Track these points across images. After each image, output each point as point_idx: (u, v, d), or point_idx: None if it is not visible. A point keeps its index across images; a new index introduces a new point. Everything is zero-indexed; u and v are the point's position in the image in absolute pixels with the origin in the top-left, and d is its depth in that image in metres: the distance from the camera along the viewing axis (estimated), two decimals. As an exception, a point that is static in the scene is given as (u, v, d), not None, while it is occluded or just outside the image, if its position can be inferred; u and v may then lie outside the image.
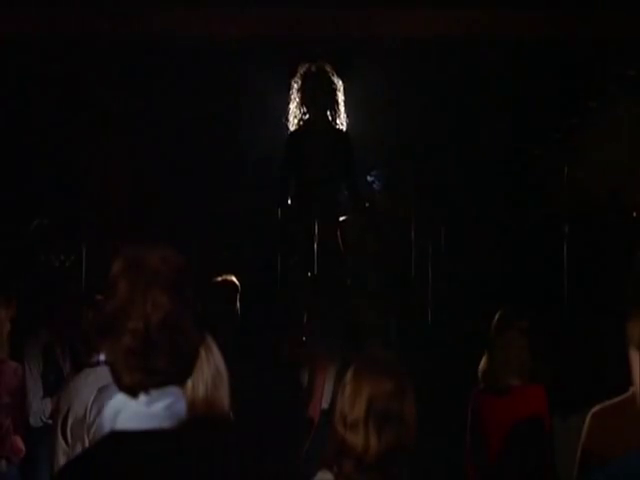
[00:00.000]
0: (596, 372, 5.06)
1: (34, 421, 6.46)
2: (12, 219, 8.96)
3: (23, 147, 9.50)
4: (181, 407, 2.36)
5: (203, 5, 9.44)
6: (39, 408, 6.50)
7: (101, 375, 4.90)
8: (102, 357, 5.15)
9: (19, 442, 6.08)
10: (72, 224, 8.66)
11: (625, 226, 8.92)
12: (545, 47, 9.61)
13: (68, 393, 5.17)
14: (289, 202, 8.48)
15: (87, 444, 4.25)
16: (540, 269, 8.62)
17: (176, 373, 2.36)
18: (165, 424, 2.32)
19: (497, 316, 5.49)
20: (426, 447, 3.55)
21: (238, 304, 6.59)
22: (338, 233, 8.32)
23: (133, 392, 2.33)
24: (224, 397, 3.08)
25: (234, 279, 6.74)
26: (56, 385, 6.53)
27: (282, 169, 8.51)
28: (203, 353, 2.95)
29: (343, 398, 3.13)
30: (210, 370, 3.04)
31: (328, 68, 8.45)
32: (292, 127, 8.55)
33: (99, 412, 4.13)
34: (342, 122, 8.50)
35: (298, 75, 8.47)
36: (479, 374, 5.40)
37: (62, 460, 4.97)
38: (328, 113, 8.47)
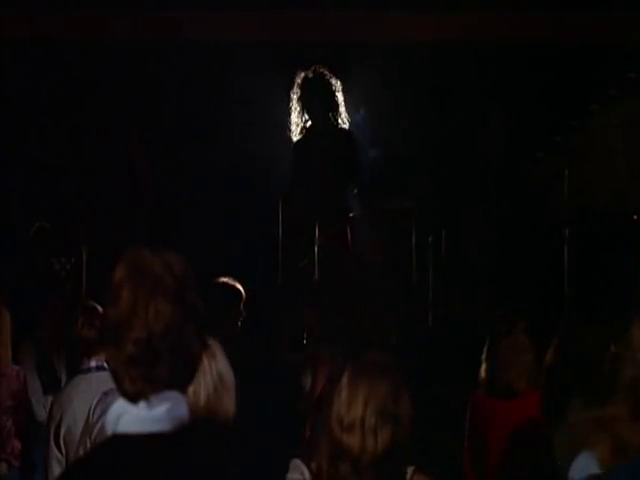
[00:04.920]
0: (597, 375, 5.05)
1: (40, 416, 6.46)
2: (13, 222, 8.97)
3: (24, 149, 9.50)
4: (182, 410, 2.36)
5: (202, 9, 9.44)
6: (40, 402, 6.49)
7: (93, 382, 4.91)
8: (94, 363, 5.15)
9: (16, 442, 6.08)
10: (73, 227, 8.67)
11: (626, 229, 8.92)
12: (546, 50, 9.61)
13: (61, 401, 5.17)
14: (295, 205, 8.49)
15: (88, 446, 4.25)
16: (541, 273, 8.62)
17: (177, 381, 2.36)
18: (167, 427, 2.32)
19: (497, 317, 5.48)
20: (425, 450, 3.55)
21: (242, 306, 6.59)
22: (348, 234, 8.34)
23: (134, 399, 2.33)
24: (228, 404, 3.08)
25: (236, 284, 6.74)
26: (50, 385, 6.55)
27: (291, 181, 8.52)
28: (205, 360, 2.94)
29: (339, 400, 3.14)
30: (212, 377, 3.03)
31: (325, 71, 8.45)
32: (295, 137, 8.56)
33: (102, 414, 4.13)
34: (344, 122, 8.51)
35: (296, 85, 8.48)
36: (480, 377, 5.39)
37: (55, 468, 4.97)
38: (330, 116, 8.48)
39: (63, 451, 5.04)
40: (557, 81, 9.57)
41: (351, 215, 8.48)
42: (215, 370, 3.05)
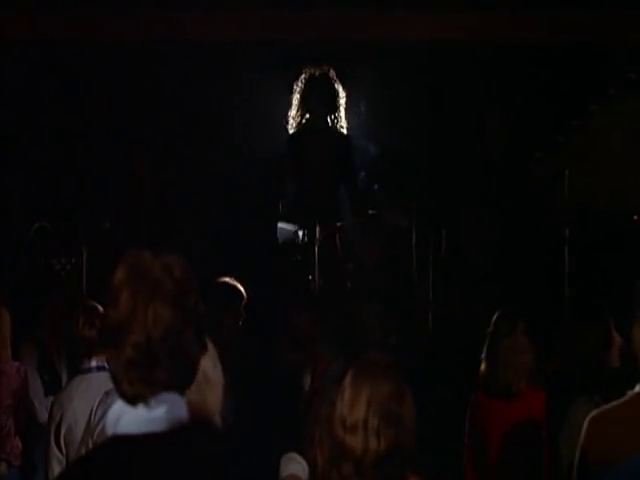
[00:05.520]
0: (597, 375, 5.06)
1: (42, 417, 6.45)
2: (13, 222, 8.97)
3: (24, 150, 9.51)
4: (181, 411, 2.36)
5: (205, 8, 9.45)
6: (42, 404, 6.49)
7: (93, 382, 4.91)
8: (94, 363, 5.15)
9: (16, 441, 6.07)
10: (73, 227, 8.66)
11: (626, 229, 8.93)
12: (546, 50, 9.61)
13: (61, 401, 5.17)
14: (289, 204, 8.48)
15: (90, 447, 4.25)
16: (541, 273, 8.62)
17: (176, 383, 2.36)
18: (166, 428, 2.32)
19: (497, 318, 5.48)
20: (425, 450, 3.55)
21: (242, 308, 6.59)
22: (337, 237, 8.32)
23: (132, 402, 2.33)
24: (212, 403, 3.07)
25: (236, 283, 6.74)
26: (51, 385, 6.54)
27: (280, 170, 8.52)
28: None
29: (342, 401, 3.14)
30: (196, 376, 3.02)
31: (331, 73, 8.46)
32: (292, 130, 8.55)
33: (104, 415, 4.13)
34: (342, 126, 8.51)
35: (301, 79, 8.47)
36: (480, 377, 5.39)
37: (56, 468, 4.96)
38: (329, 117, 8.48)
39: (63, 451, 5.04)
40: (557, 81, 9.57)
41: (339, 225, 8.46)
42: (200, 369, 3.04)
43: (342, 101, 8.47)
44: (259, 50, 9.40)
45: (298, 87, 8.47)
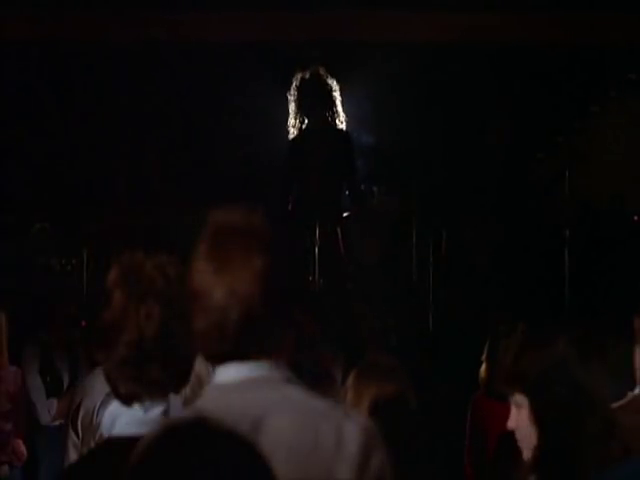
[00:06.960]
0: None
1: (44, 420, 6.45)
2: (13, 222, 8.97)
3: (24, 150, 9.51)
4: (177, 410, 2.36)
5: (201, 9, 9.45)
6: (44, 406, 6.48)
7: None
8: None
9: (21, 446, 6.07)
10: (73, 227, 8.66)
11: (626, 230, 8.93)
12: (547, 51, 9.61)
13: (82, 387, 5.18)
14: (291, 206, 8.47)
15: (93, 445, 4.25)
16: (541, 273, 8.62)
17: (171, 383, 2.36)
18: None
19: (497, 318, 5.48)
20: (426, 449, 3.56)
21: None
22: (339, 234, 8.31)
23: (128, 402, 2.33)
24: None
25: None
26: (53, 386, 6.53)
27: (285, 177, 8.51)
28: None
29: (345, 403, 3.13)
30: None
31: (322, 71, 8.43)
32: (291, 135, 8.54)
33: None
34: (341, 122, 8.49)
35: (293, 86, 8.46)
36: (480, 377, 5.39)
37: (72, 452, 4.97)
38: (327, 116, 8.45)
39: (80, 435, 5.03)
40: (558, 82, 9.57)
41: (344, 215, 8.45)
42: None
43: (337, 96, 8.43)
44: (255, 51, 9.40)
45: (292, 96, 8.45)
